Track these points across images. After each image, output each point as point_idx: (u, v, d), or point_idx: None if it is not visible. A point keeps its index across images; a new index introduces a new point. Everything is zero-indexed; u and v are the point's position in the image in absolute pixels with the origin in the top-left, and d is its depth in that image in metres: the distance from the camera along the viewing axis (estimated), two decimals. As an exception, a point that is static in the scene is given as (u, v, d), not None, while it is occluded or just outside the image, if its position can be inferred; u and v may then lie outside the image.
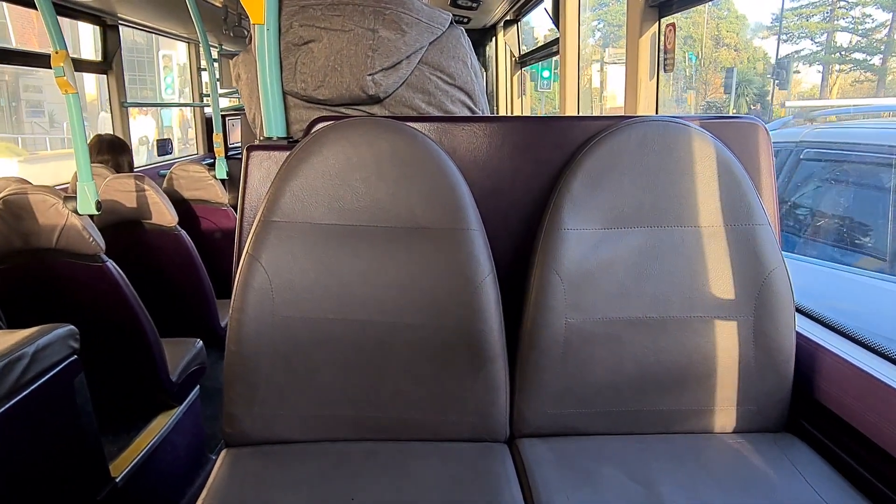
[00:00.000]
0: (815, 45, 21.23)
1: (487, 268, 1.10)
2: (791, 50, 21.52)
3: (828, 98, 19.42)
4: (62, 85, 1.77)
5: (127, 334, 1.79)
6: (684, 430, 1.16)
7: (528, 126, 1.22)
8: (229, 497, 0.99)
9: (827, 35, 21.08)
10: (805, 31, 21.32)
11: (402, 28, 1.22)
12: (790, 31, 21.63)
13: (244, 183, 1.20)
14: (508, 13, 4.01)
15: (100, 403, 1.51)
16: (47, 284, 1.76)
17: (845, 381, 1.07)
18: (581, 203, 1.13)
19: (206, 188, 3.00)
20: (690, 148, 1.13)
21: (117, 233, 2.31)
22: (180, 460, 2.00)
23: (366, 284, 1.09)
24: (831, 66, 20.63)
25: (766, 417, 1.15)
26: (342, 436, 1.12)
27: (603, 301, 1.12)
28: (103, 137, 2.98)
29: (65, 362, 1.36)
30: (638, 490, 1.01)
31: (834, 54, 20.64)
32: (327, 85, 1.22)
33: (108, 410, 1.76)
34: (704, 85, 22.98)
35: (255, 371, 1.09)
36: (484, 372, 1.10)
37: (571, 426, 1.16)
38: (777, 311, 1.12)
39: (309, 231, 1.09)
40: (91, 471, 1.51)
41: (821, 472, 1.04)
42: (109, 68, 3.65)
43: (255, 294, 1.08)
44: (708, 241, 1.13)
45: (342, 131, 1.11)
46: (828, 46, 20.89)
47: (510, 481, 1.03)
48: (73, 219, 1.69)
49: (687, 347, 1.13)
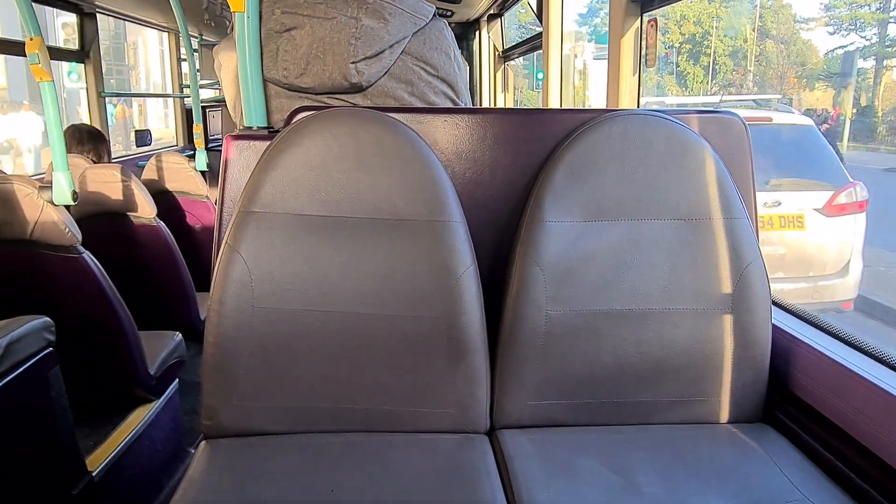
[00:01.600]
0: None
1: (469, 260, 1.10)
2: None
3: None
4: (37, 72, 1.73)
5: (104, 327, 1.76)
6: (663, 422, 1.17)
7: (510, 118, 1.22)
8: (207, 489, 0.98)
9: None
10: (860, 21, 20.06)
11: (384, 17, 1.21)
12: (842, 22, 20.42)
13: (224, 173, 1.19)
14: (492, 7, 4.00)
15: (76, 397, 1.49)
16: (22, 276, 1.72)
17: (820, 372, 1.09)
18: (562, 195, 1.13)
19: (186, 179, 2.96)
20: (671, 142, 1.14)
21: (95, 224, 2.26)
22: (158, 454, 1.98)
23: (346, 276, 1.09)
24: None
25: (742, 408, 1.16)
26: (321, 428, 1.12)
27: (583, 293, 1.13)
28: (82, 127, 2.92)
29: (39, 355, 1.34)
30: (617, 480, 1.02)
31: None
32: (309, 73, 1.21)
33: (85, 404, 1.74)
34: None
35: (234, 362, 1.08)
36: (464, 364, 1.10)
37: (551, 418, 1.16)
38: (754, 303, 1.14)
39: (289, 222, 1.08)
40: (67, 465, 1.49)
41: (795, 461, 1.06)
42: (87, 57, 3.59)
43: (235, 285, 1.07)
44: (687, 234, 1.14)
45: (324, 121, 1.10)
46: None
47: (490, 473, 1.04)
48: (49, 209, 1.66)
49: (666, 339, 1.14)
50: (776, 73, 24.87)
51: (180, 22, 3.20)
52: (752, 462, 1.06)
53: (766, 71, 25.57)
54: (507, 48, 4.17)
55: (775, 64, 24.91)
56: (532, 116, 1.23)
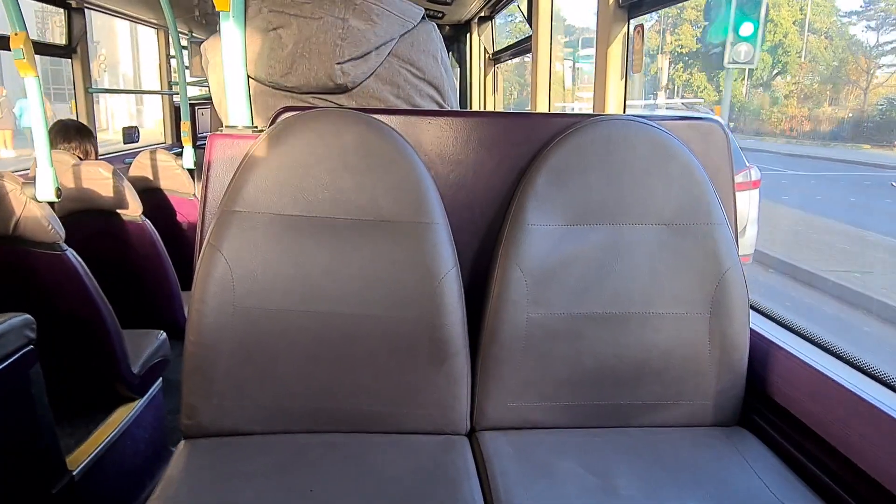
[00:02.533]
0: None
1: (451, 262, 1.10)
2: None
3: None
4: (21, 67, 1.72)
5: (86, 325, 1.75)
6: (641, 424, 1.18)
7: (494, 122, 1.23)
8: (185, 488, 0.98)
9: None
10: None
11: (372, 18, 1.21)
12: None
13: (207, 172, 1.19)
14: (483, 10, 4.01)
15: (58, 394, 1.48)
16: (3, 272, 1.71)
17: (796, 377, 1.11)
18: (545, 199, 1.14)
19: (173, 177, 2.95)
20: (653, 147, 1.15)
21: (79, 221, 2.25)
22: (141, 454, 1.97)
23: (328, 276, 1.09)
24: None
25: (719, 412, 1.18)
26: (302, 428, 1.12)
27: (564, 296, 1.14)
28: (68, 123, 2.90)
29: (20, 352, 1.33)
30: (595, 482, 1.03)
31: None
32: (295, 72, 1.21)
33: (67, 402, 1.73)
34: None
35: (215, 362, 1.08)
36: (446, 365, 1.10)
37: (531, 419, 1.17)
38: (732, 308, 1.15)
39: (272, 221, 1.08)
40: (46, 463, 1.47)
41: (770, 465, 1.07)
42: (74, 52, 3.56)
43: (216, 284, 1.07)
44: (668, 239, 1.15)
45: (308, 122, 1.10)
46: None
47: (470, 474, 1.04)
48: (32, 205, 1.64)
49: (645, 343, 1.15)
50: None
51: (169, 19, 3.18)
52: (729, 466, 1.07)
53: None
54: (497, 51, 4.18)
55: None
56: (517, 120, 1.24)
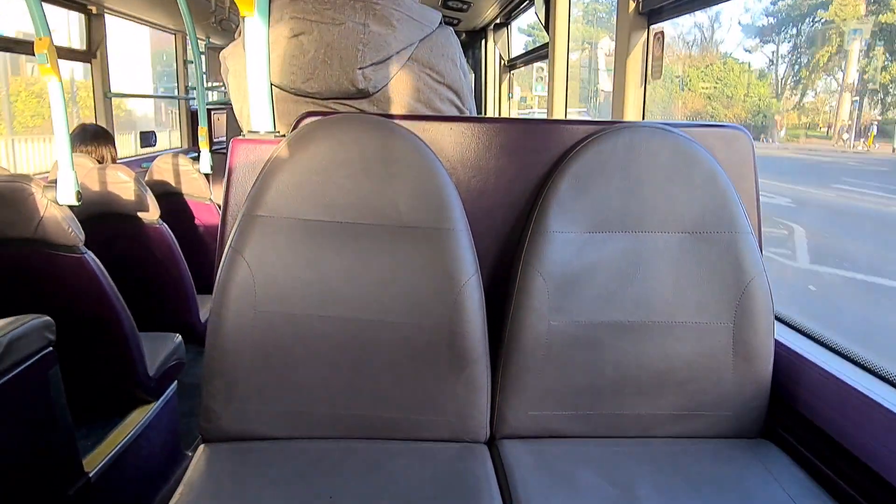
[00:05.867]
0: None
1: (472, 268, 1.09)
2: None
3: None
4: (45, 72, 1.74)
5: (104, 327, 1.76)
6: (663, 435, 1.16)
7: (516, 128, 1.22)
8: (205, 492, 0.97)
9: None
10: None
11: (392, 24, 1.22)
12: None
13: (229, 177, 1.19)
14: (499, 16, 4.02)
15: (75, 397, 1.48)
16: (24, 275, 1.72)
17: (823, 390, 1.09)
18: (567, 206, 1.13)
19: (190, 182, 2.97)
20: (676, 154, 1.14)
21: (98, 224, 2.27)
22: (155, 456, 1.97)
23: (349, 282, 1.08)
24: None
25: (743, 424, 1.16)
26: (321, 434, 1.11)
27: (586, 304, 1.12)
28: (88, 127, 2.93)
29: (39, 354, 1.33)
30: (616, 493, 1.01)
31: None
32: (316, 78, 1.21)
33: (84, 404, 1.73)
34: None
35: (235, 366, 1.07)
36: (465, 373, 1.10)
37: (551, 428, 1.16)
38: (757, 319, 1.13)
39: (293, 226, 1.08)
40: (64, 465, 1.48)
41: (796, 479, 1.05)
42: (94, 57, 3.60)
43: (238, 288, 1.06)
44: (691, 247, 1.14)
45: (329, 127, 1.10)
46: None
47: (489, 483, 1.03)
48: (53, 209, 1.66)
49: (667, 352, 1.14)
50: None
51: (188, 24, 3.21)
52: (753, 478, 1.05)
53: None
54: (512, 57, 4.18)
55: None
56: (538, 127, 1.23)
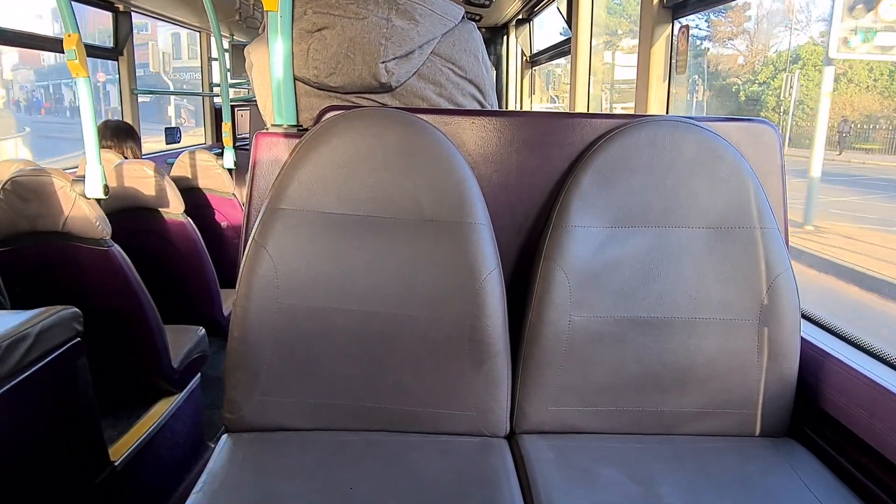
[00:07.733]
0: None
1: (493, 262, 1.09)
2: None
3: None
4: (74, 68, 1.77)
5: (130, 319, 1.79)
6: (685, 432, 1.15)
7: (537, 122, 1.21)
8: (227, 482, 0.99)
9: None
10: None
11: (415, 18, 1.22)
12: None
13: (252, 170, 1.20)
14: (521, 12, 4.00)
15: (101, 387, 1.51)
16: (52, 267, 1.76)
17: (850, 388, 1.07)
18: (590, 200, 1.12)
19: (214, 177, 3.00)
20: (701, 149, 1.13)
21: (124, 218, 2.31)
22: (179, 447, 2.00)
23: (370, 275, 1.09)
24: None
25: (768, 422, 1.14)
26: (342, 426, 1.12)
27: (608, 300, 1.12)
28: (109, 123, 2.98)
29: (68, 344, 1.36)
30: (637, 490, 1.00)
31: None
32: (339, 72, 1.22)
33: (110, 394, 1.77)
34: None
35: (258, 358, 1.09)
36: (486, 367, 1.09)
37: (572, 424, 1.15)
38: (783, 315, 1.11)
39: (315, 220, 1.09)
40: (90, 454, 1.51)
41: (822, 478, 1.03)
42: (121, 55, 3.66)
43: (261, 281, 1.08)
44: (715, 242, 1.12)
45: (352, 121, 1.11)
46: None
47: (509, 477, 1.03)
48: (81, 202, 1.69)
49: (691, 349, 1.12)
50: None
51: (213, 22, 3.25)
52: (777, 477, 1.04)
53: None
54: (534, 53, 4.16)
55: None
56: (560, 121, 1.22)
